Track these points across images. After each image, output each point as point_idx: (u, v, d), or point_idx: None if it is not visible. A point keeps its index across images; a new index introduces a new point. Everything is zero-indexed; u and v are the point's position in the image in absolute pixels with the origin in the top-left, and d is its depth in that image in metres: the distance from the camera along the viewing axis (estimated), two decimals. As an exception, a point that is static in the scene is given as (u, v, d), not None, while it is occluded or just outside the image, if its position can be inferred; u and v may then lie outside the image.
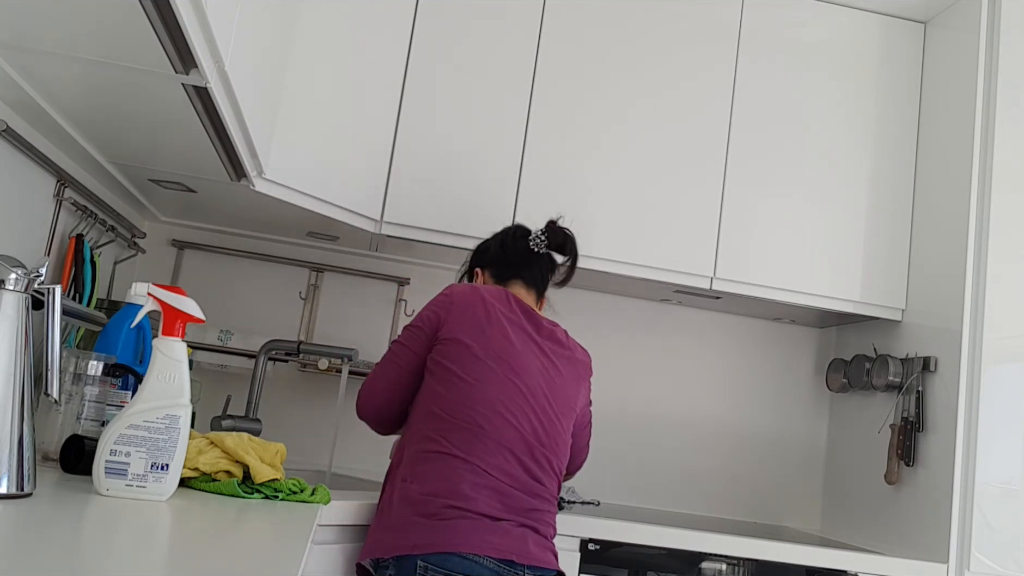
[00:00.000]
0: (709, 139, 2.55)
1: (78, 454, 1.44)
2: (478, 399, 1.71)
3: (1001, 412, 2.23)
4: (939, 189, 2.50)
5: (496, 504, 1.66)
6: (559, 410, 1.80)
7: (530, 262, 1.96)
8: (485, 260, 1.99)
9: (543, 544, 1.71)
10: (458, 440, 1.68)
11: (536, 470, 1.73)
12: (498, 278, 1.95)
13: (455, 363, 1.74)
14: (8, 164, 1.74)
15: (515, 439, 1.71)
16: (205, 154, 1.83)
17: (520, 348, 1.78)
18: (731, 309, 2.84)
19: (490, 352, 1.74)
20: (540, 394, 1.77)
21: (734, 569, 2.15)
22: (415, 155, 2.43)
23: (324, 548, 1.70)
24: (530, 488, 1.72)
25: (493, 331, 1.77)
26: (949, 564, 2.18)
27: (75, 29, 1.25)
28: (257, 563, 0.97)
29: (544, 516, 1.74)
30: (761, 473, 2.86)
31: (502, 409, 1.71)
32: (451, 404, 1.71)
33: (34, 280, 1.19)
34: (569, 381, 1.85)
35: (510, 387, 1.73)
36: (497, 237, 2.02)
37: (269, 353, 2.35)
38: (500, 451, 1.69)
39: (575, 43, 2.54)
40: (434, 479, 1.66)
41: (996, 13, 2.39)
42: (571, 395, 1.85)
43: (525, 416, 1.73)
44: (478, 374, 1.73)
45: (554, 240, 1.97)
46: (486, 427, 1.69)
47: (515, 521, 1.67)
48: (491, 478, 1.67)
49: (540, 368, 1.79)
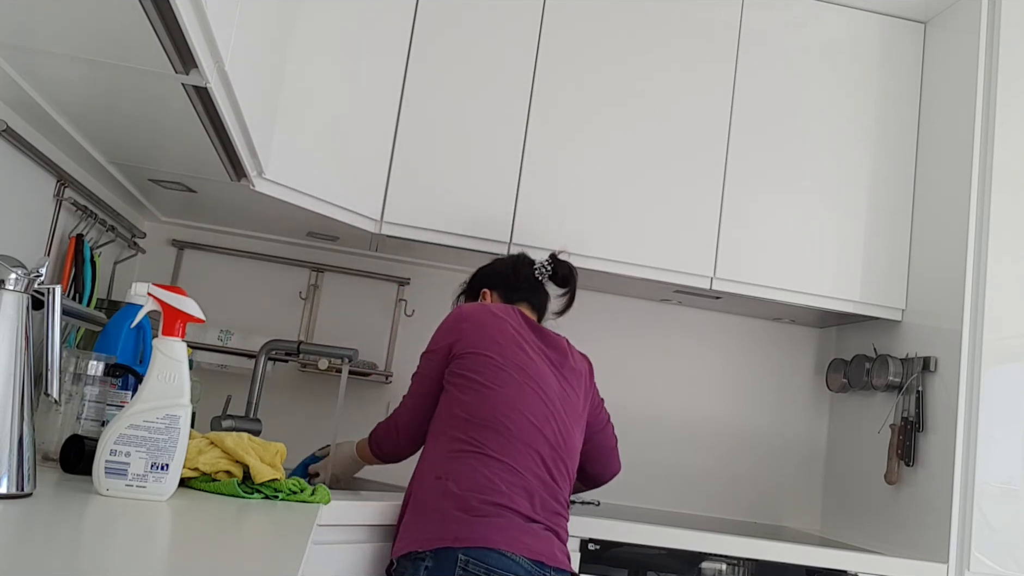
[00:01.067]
0: (709, 139, 2.55)
1: (78, 454, 1.44)
2: (504, 402, 1.75)
3: (1001, 412, 2.23)
4: (939, 189, 2.50)
5: (528, 504, 1.70)
6: (572, 419, 1.85)
7: (535, 288, 2.05)
8: (494, 282, 2.06)
9: (563, 549, 1.75)
10: (490, 440, 1.72)
11: (556, 475, 1.77)
12: (506, 298, 2.03)
13: (477, 373, 1.79)
14: (8, 164, 1.74)
15: (540, 442, 1.75)
16: (205, 154, 1.83)
17: (535, 359, 1.83)
18: (731, 309, 2.84)
19: (508, 361, 1.80)
20: (557, 402, 1.82)
21: (734, 569, 2.15)
22: (415, 155, 2.43)
23: (324, 548, 1.70)
24: (553, 492, 1.75)
25: (508, 343, 1.82)
26: (949, 564, 2.18)
27: (75, 29, 1.25)
28: (257, 563, 0.97)
29: (563, 521, 1.78)
30: (761, 473, 2.86)
31: (527, 413, 1.76)
32: (478, 408, 1.75)
33: (34, 280, 1.19)
34: (575, 391, 1.90)
35: (531, 393, 1.78)
36: (506, 262, 2.09)
37: (269, 353, 2.35)
38: (528, 452, 1.73)
39: (575, 41, 2.53)
40: (471, 476, 1.69)
41: (996, 13, 2.39)
42: (578, 405, 1.90)
43: (547, 421, 1.78)
44: (501, 380, 1.77)
45: (559, 271, 2.06)
46: (513, 429, 1.73)
47: (543, 524, 1.71)
48: (523, 477, 1.71)
49: (552, 377, 1.85)
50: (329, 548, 1.71)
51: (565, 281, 2.06)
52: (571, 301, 2.06)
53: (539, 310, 2.06)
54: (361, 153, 2.37)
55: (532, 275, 2.05)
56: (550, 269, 2.06)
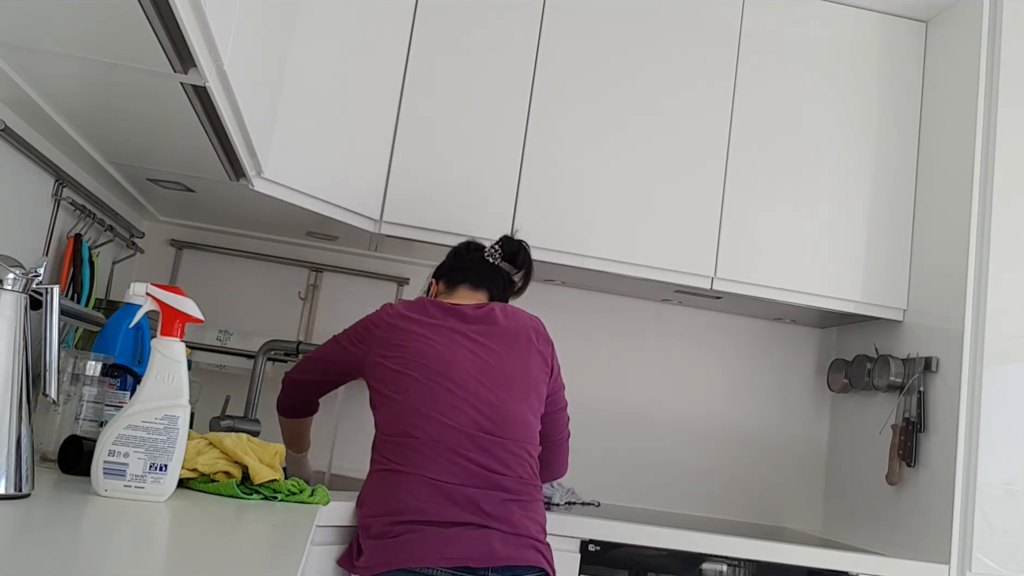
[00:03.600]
0: (710, 138, 2.54)
1: (76, 454, 1.43)
2: (404, 410, 1.71)
3: (1003, 412, 2.23)
4: (941, 188, 2.49)
5: (446, 508, 1.62)
6: (505, 391, 1.75)
7: (480, 270, 1.98)
8: (439, 272, 2.03)
9: (516, 541, 1.64)
10: (395, 455, 1.69)
11: (489, 461, 1.68)
12: (448, 284, 1.98)
13: (381, 383, 1.77)
14: (6, 164, 1.73)
15: (453, 437, 1.67)
16: (204, 154, 1.82)
17: (440, 346, 1.76)
18: (732, 309, 2.83)
19: (409, 362, 1.75)
20: (473, 383, 1.73)
21: (735, 570, 2.15)
22: (415, 155, 2.43)
23: (323, 549, 1.70)
24: (487, 481, 1.66)
25: (408, 339, 1.78)
26: (951, 565, 2.18)
27: (74, 28, 1.25)
28: (256, 564, 0.97)
29: (513, 509, 1.67)
30: (762, 474, 2.85)
31: (430, 412, 1.69)
32: (384, 423, 1.74)
33: (32, 280, 1.18)
34: (512, 356, 1.80)
35: (435, 388, 1.72)
36: (453, 250, 2.05)
37: (268, 353, 2.34)
38: (438, 454, 1.66)
39: (575, 40, 2.53)
40: (375, 500, 1.67)
41: (997, 12, 2.38)
42: (518, 368, 1.80)
43: (460, 411, 1.69)
44: (400, 386, 1.74)
45: (508, 249, 1.99)
46: (417, 435, 1.68)
47: (473, 523, 1.62)
48: (434, 483, 1.64)
49: (469, 356, 1.76)
50: (328, 549, 1.71)
51: (515, 259, 2.00)
52: (527, 278, 2.02)
53: (489, 290, 1.96)
54: (361, 153, 2.37)
55: (480, 259, 1.98)
56: (500, 250, 1.99)
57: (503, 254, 1.99)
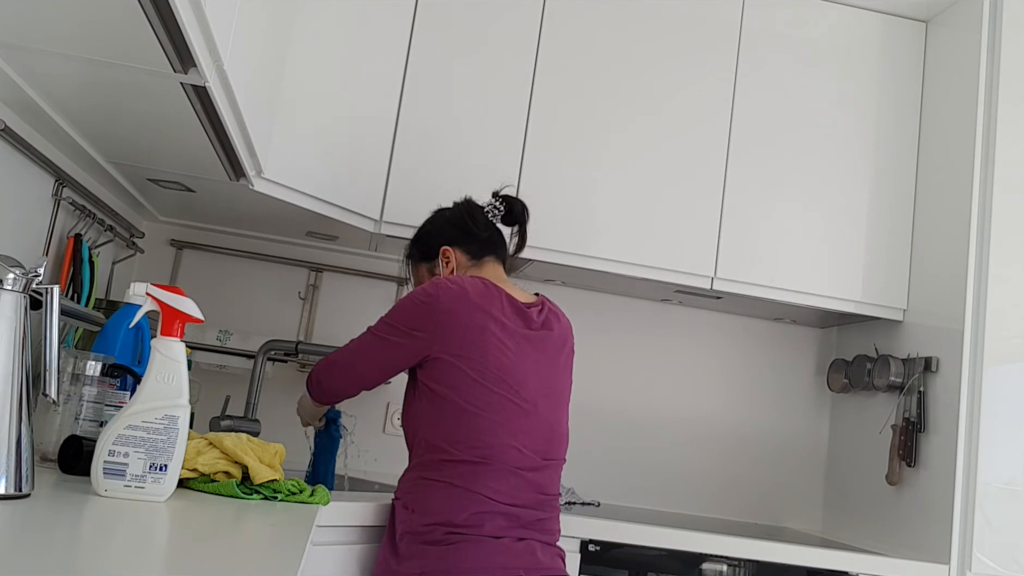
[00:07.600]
0: (710, 138, 2.54)
1: (76, 455, 1.43)
2: (479, 428, 1.65)
3: (1003, 412, 2.23)
4: (941, 188, 2.49)
5: (501, 524, 1.63)
6: (557, 407, 1.76)
7: (496, 235, 1.87)
8: (452, 236, 1.85)
9: (550, 551, 1.69)
10: (462, 470, 1.64)
11: (543, 482, 1.70)
12: (473, 256, 1.84)
13: (452, 388, 1.66)
14: (6, 164, 1.73)
15: (521, 462, 1.67)
16: (204, 153, 1.82)
17: (515, 356, 1.69)
18: (732, 309, 2.83)
19: (487, 373, 1.65)
20: (540, 403, 1.71)
21: (735, 570, 2.15)
22: (415, 155, 2.43)
23: (323, 549, 1.70)
24: (540, 501, 1.70)
25: (488, 344, 1.66)
26: (951, 565, 2.18)
27: (74, 28, 1.25)
28: (256, 564, 0.97)
29: (549, 523, 1.72)
30: (762, 474, 2.85)
31: (504, 435, 1.65)
32: (451, 434, 1.65)
33: (32, 280, 1.18)
34: (559, 368, 1.78)
35: (511, 409, 1.66)
36: (458, 210, 1.89)
37: (268, 353, 2.34)
38: (506, 477, 1.65)
39: (575, 40, 2.53)
40: (435, 510, 1.63)
41: (998, 12, 2.38)
42: (564, 381, 1.80)
43: (529, 436, 1.68)
44: (477, 400, 1.65)
45: (514, 208, 1.88)
46: (493, 463, 1.64)
47: (515, 536, 1.64)
48: (496, 504, 1.63)
49: (534, 369, 1.71)
50: (328, 549, 1.71)
51: (518, 218, 1.87)
52: (523, 241, 1.89)
53: (503, 259, 1.86)
54: (360, 152, 2.37)
55: (489, 222, 1.86)
56: (502, 208, 1.87)
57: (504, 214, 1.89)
